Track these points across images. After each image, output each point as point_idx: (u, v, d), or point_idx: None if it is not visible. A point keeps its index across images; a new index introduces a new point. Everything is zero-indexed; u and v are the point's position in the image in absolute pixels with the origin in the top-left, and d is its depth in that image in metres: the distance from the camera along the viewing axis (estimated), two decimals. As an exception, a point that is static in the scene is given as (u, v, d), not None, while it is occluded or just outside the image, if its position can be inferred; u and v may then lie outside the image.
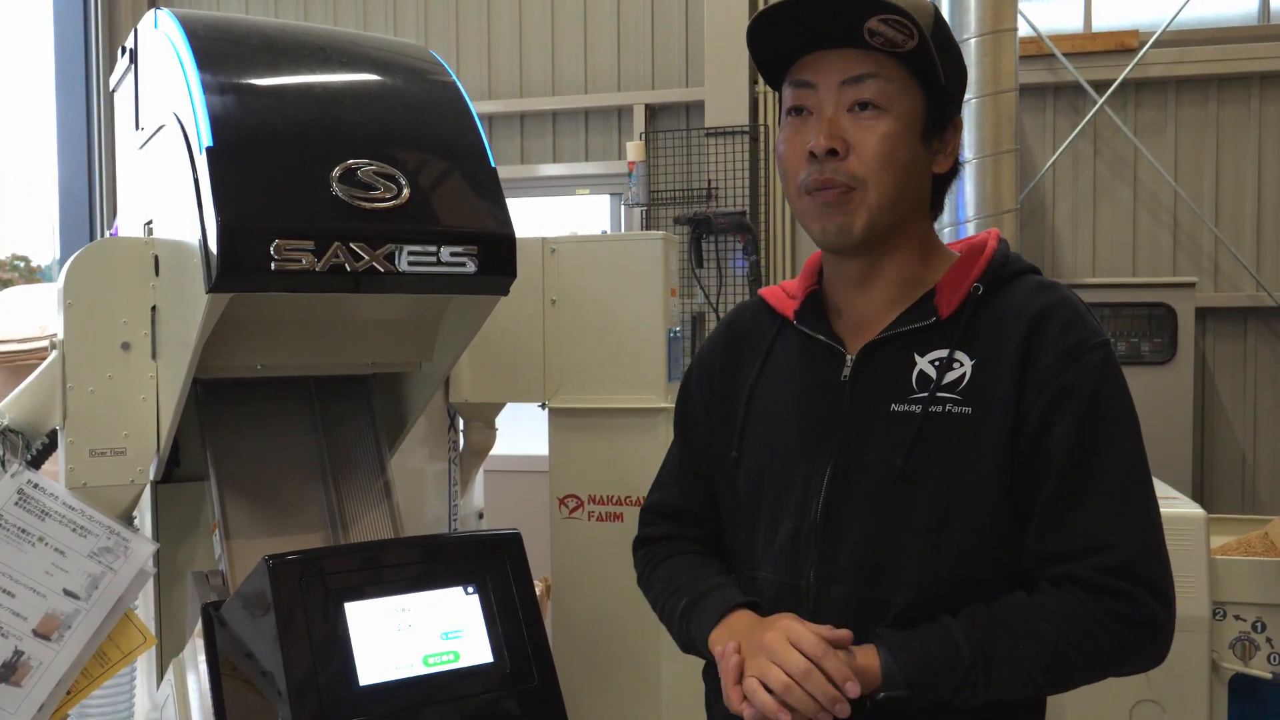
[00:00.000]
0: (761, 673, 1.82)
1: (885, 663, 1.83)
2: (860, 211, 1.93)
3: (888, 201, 1.93)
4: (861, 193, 1.92)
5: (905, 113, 1.93)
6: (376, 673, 2.29)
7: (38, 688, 2.68)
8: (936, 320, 1.96)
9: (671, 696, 3.68)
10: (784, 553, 2.02)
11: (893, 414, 1.94)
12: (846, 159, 1.92)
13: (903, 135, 1.93)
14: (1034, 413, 1.85)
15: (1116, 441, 1.86)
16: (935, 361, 1.94)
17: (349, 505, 2.87)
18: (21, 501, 2.67)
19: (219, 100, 2.43)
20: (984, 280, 1.97)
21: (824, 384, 2.03)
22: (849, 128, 1.92)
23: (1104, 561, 1.82)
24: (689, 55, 7.42)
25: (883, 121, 1.91)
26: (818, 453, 2.00)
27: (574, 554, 3.83)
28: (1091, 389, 1.85)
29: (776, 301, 2.19)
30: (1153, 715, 3.90)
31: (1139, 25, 6.79)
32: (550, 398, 3.81)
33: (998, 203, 5.63)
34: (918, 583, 1.89)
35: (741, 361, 2.20)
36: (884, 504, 1.92)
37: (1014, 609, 1.84)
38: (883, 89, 1.91)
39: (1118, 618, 1.81)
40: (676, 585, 2.16)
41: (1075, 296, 1.96)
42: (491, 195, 2.65)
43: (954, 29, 5.51)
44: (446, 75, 2.84)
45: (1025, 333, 1.88)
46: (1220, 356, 6.76)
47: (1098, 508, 1.84)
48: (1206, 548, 3.90)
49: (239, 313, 2.48)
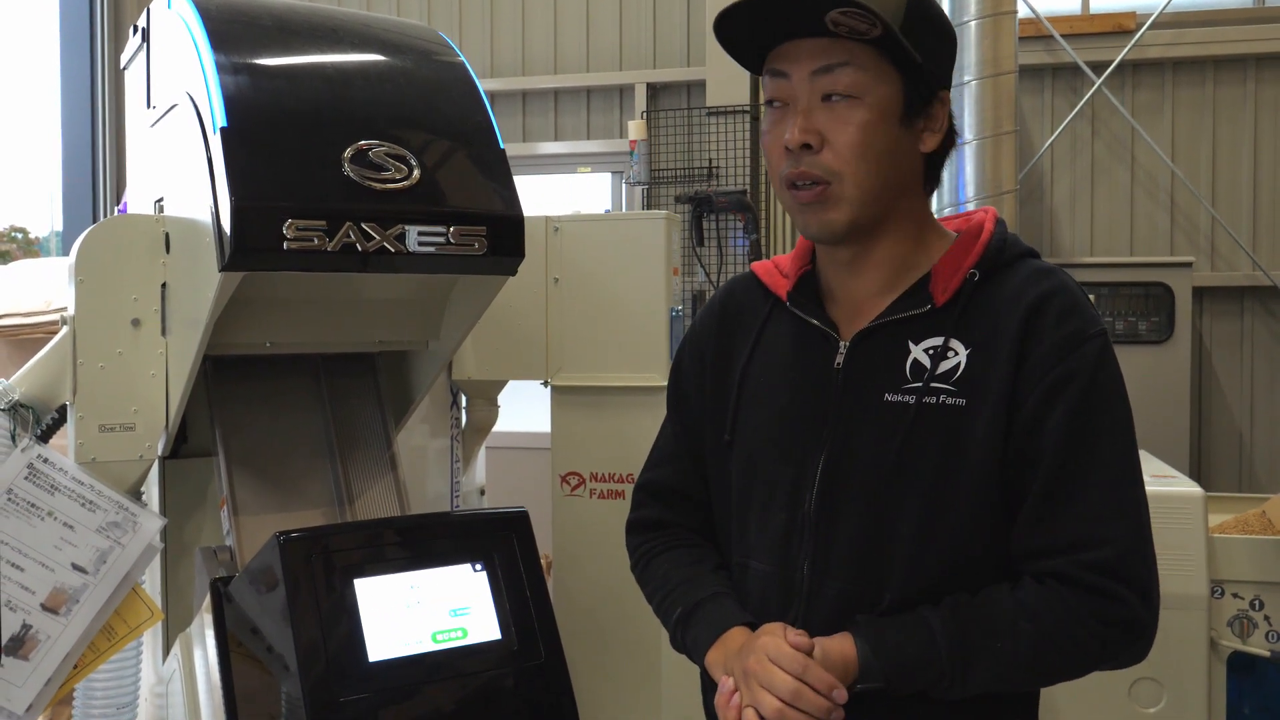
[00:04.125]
0: (755, 701, 1.83)
1: (863, 655, 1.84)
2: (840, 206, 1.90)
3: (868, 193, 1.90)
4: (839, 186, 1.88)
5: (880, 99, 1.88)
6: (386, 649, 2.32)
7: (45, 661, 2.71)
8: (931, 308, 1.93)
9: (672, 671, 3.70)
10: (777, 543, 2.01)
11: (886, 404, 1.92)
12: (821, 152, 1.88)
13: (879, 123, 1.89)
14: (1028, 403, 1.83)
15: (1109, 435, 1.85)
16: (930, 350, 1.92)
17: (355, 481, 2.90)
18: (31, 476, 2.69)
19: (233, 81, 2.46)
20: (980, 266, 1.93)
21: (817, 371, 2.01)
22: (823, 119, 1.88)
23: (1090, 559, 1.80)
24: (690, 34, 7.41)
25: (857, 111, 1.87)
26: (811, 442, 1.98)
27: (575, 531, 3.86)
28: (1087, 380, 1.83)
29: (769, 279, 2.15)
30: (1151, 693, 3.91)
31: (1136, 7, 6.79)
32: (552, 375, 3.83)
33: (997, 183, 5.64)
34: (909, 576, 1.88)
35: (734, 340, 2.17)
36: (878, 498, 1.90)
37: (995, 605, 1.84)
38: (855, 78, 1.86)
39: (1100, 618, 1.80)
40: (671, 588, 2.15)
41: (1073, 283, 1.93)
42: (500, 176, 2.67)
43: (954, 12, 5.55)
44: (455, 56, 2.86)
45: (1022, 321, 1.86)
46: (1217, 336, 6.77)
47: (1087, 503, 1.82)
48: (1204, 526, 3.90)
49: (249, 291, 2.51)
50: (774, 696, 1.80)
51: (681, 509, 2.25)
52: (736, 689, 1.89)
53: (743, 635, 1.97)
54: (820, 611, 1.93)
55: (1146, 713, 3.92)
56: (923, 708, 1.87)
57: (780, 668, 1.82)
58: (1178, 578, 3.84)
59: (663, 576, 2.18)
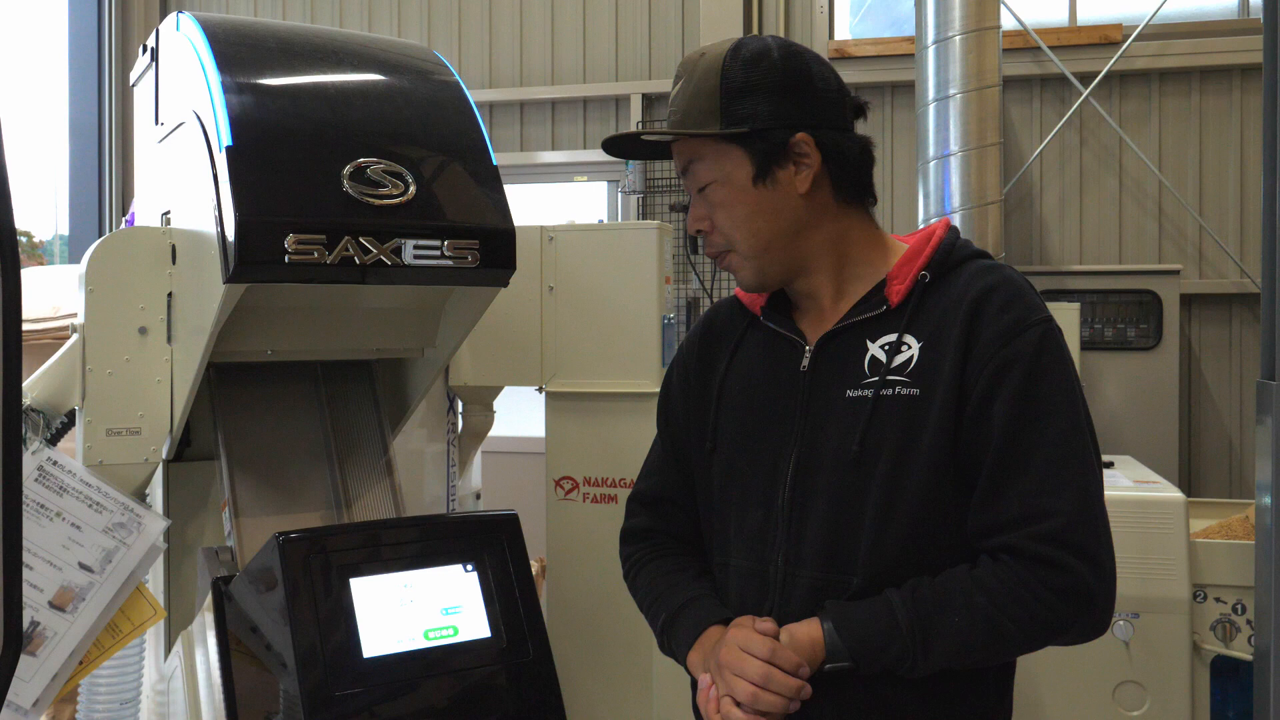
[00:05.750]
0: (730, 690, 1.96)
1: (828, 635, 1.95)
2: (745, 265, 2.14)
3: (759, 249, 2.11)
4: (736, 254, 2.14)
5: (729, 176, 2.08)
6: (380, 645, 2.40)
7: (52, 657, 2.75)
8: (887, 309, 2.06)
9: (664, 672, 3.75)
10: (754, 539, 2.12)
11: (848, 400, 2.03)
12: (712, 233, 2.15)
13: (737, 196, 2.09)
14: (975, 389, 1.93)
15: (1053, 414, 1.93)
16: (885, 346, 2.03)
17: (353, 485, 2.96)
18: (41, 478, 2.75)
19: (238, 100, 2.53)
20: (930, 268, 2.06)
21: (786, 375, 2.14)
22: (704, 207, 2.14)
23: (1038, 530, 1.89)
24: (684, 46, 7.44)
25: (720, 191, 2.10)
26: (783, 441, 2.10)
27: (569, 534, 3.91)
28: (1029, 364, 1.92)
29: (747, 300, 2.29)
30: (1135, 696, 3.95)
31: (1122, 18, 6.83)
32: (547, 382, 3.88)
33: (983, 194, 5.70)
34: (871, 560, 1.97)
35: (714, 356, 2.30)
36: (842, 488, 2.01)
37: (952, 583, 1.93)
38: (704, 168, 2.11)
39: (1051, 589, 1.88)
40: (656, 596, 2.26)
41: (1018, 276, 2.05)
42: (493, 191, 2.75)
43: (939, 26, 5.61)
44: (450, 75, 2.93)
45: (968, 313, 1.97)
46: (1206, 342, 6.79)
47: (1033, 479, 1.91)
48: (1186, 531, 3.94)
49: (252, 301, 2.59)
50: (746, 682, 1.93)
51: (670, 517, 2.35)
52: (714, 683, 2.00)
53: (719, 633, 2.08)
54: (794, 602, 2.03)
55: (1130, 715, 3.95)
56: (895, 688, 1.97)
57: (750, 654, 1.94)
58: (1160, 582, 3.89)
59: (648, 585, 2.30)
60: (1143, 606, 3.90)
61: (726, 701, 1.96)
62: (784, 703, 1.93)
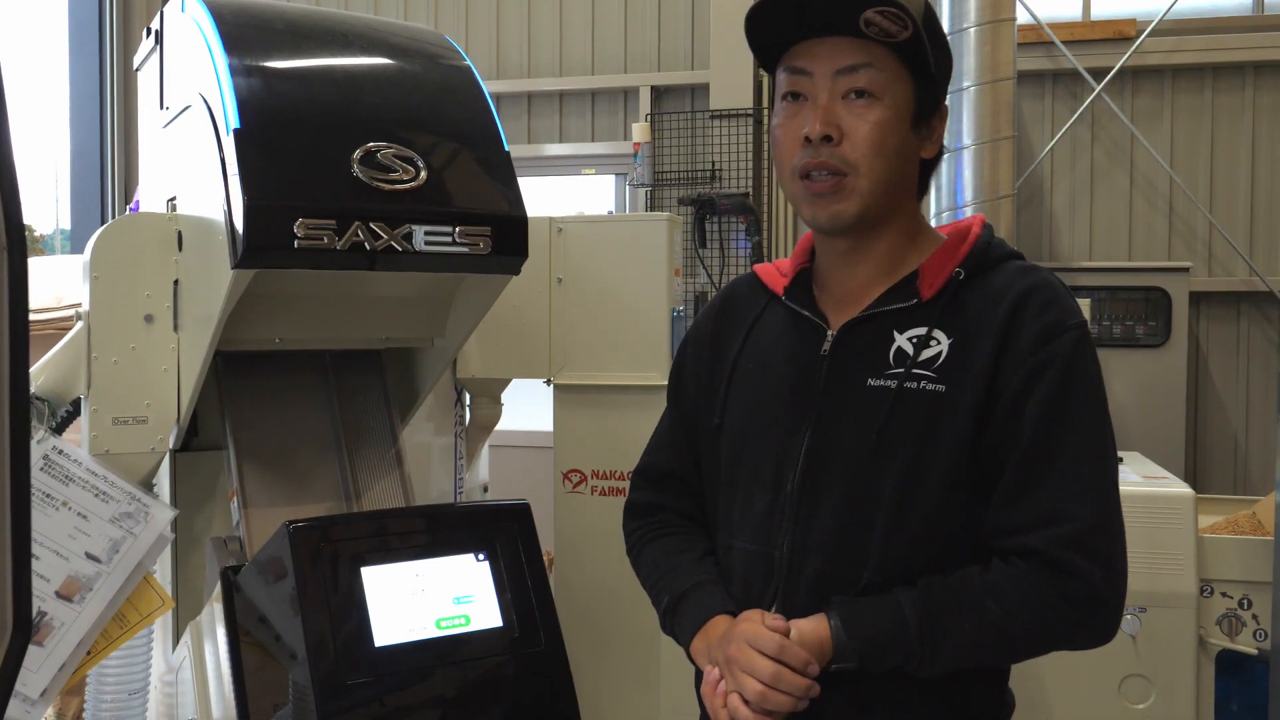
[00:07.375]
0: (738, 686, 1.93)
1: (836, 635, 1.92)
2: (853, 198, 1.99)
3: (880, 186, 1.99)
4: (854, 178, 1.98)
5: (897, 101, 1.99)
6: (391, 634, 2.37)
7: (59, 647, 2.74)
8: (918, 302, 2.02)
9: (670, 663, 3.75)
10: (759, 523, 2.08)
11: (869, 389, 1.99)
12: (840, 145, 1.97)
13: (894, 123, 1.99)
14: (1009, 389, 1.90)
15: (1083, 419, 1.91)
16: (913, 339, 1.99)
17: (361, 475, 2.95)
18: (47, 467, 2.73)
19: (245, 83, 2.51)
20: (966, 265, 2.02)
21: (805, 357, 2.09)
22: (843, 115, 1.97)
23: (1059, 533, 1.86)
24: (694, 38, 7.45)
25: (876, 109, 1.97)
26: (796, 425, 2.06)
27: (577, 527, 3.89)
28: (1064, 366, 1.90)
29: (768, 278, 2.25)
30: (1140, 690, 3.96)
31: (1136, 14, 6.83)
32: (555, 374, 3.87)
33: (995, 188, 5.69)
34: (884, 556, 1.94)
35: (730, 332, 2.26)
36: (856, 478, 1.97)
37: (963, 586, 1.90)
38: (876, 78, 1.96)
39: (1064, 595, 1.86)
40: (660, 575, 2.23)
41: (1056, 280, 2.01)
42: (504, 178, 2.73)
43: (953, 18, 5.59)
44: (461, 60, 2.91)
45: (1006, 313, 1.93)
46: (1214, 340, 6.80)
47: (1055, 482, 1.88)
48: (1194, 527, 3.95)
49: (260, 288, 2.56)
50: (755, 680, 1.90)
51: (675, 492, 2.33)
52: (722, 677, 1.98)
53: (724, 624, 2.05)
54: (799, 590, 2.00)
55: (1136, 709, 3.97)
56: (897, 685, 1.95)
57: (759, 651, 1.91)
58: (1168, 577, 3.91)
59: (653, 563, 2.27)
60: (1150, 601, 3.91)
61: (734, 698, 1.94)
62: (793, 702, 1.90)
